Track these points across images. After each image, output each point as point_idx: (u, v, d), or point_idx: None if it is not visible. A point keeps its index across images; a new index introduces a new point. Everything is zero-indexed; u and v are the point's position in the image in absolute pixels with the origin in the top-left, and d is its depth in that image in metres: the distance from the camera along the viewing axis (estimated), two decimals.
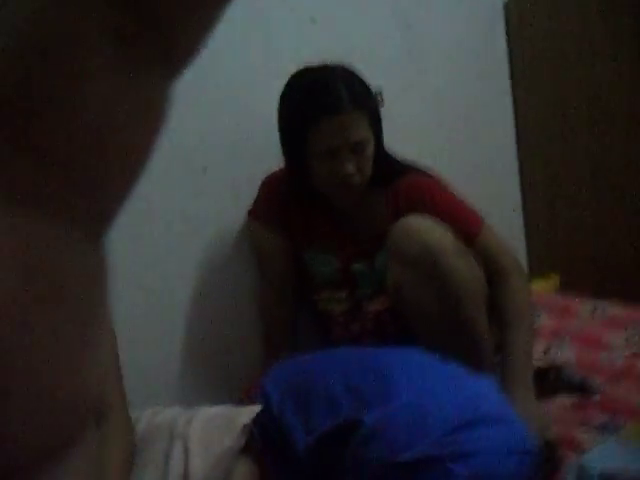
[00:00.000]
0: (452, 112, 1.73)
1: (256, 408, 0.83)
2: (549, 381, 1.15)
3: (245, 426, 0.81)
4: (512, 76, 1.93)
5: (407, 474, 0.73)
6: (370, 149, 1.10)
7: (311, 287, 1.28)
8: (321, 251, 1.23)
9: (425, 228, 1.07)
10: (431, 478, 0.72)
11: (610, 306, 1.43)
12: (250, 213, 1.27)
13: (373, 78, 1.16)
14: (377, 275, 1.20)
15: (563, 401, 1.10)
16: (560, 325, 1.40)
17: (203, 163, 1.21)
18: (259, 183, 1.26)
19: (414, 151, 1.31)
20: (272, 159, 1.20)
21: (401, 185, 1.17)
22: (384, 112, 1.19)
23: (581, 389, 1.12)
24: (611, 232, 1.86)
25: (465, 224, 1.15)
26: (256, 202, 1.26)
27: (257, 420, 0.82)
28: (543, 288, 1.76)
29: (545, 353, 1.30)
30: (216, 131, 1.23)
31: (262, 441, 0.83)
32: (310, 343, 1.34)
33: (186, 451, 0.78)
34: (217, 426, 0.82)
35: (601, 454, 0.66)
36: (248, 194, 1.26)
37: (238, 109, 1.26)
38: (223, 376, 1.26)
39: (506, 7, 1.92)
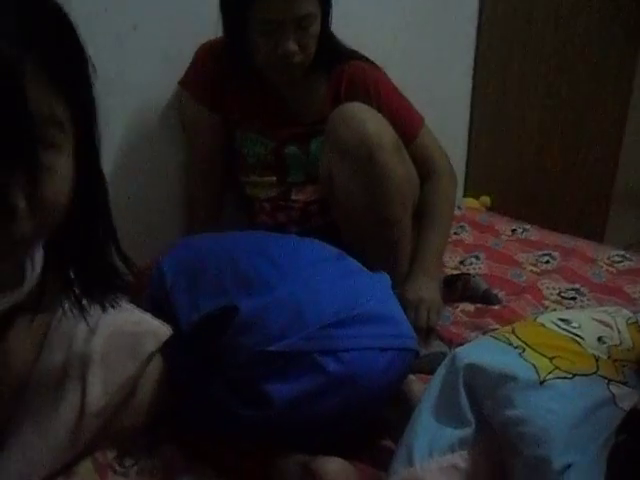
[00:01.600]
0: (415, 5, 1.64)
1: (163, 332, 0.78)
2: (457, 288, 1.21)
3: (150, 354, 0.77)
4: None
5: (276, 364, 0.72)
6: (316, 27, 1.03)
7: (240, 168, 1.25)
8: (255, 131, 1.18)
9: (366, 118, 1.03)
10: (300, 370, 0.72)
11: (529, 230, 1.49)
12: (181, 82, 1.19)
13: None
14: (310, 162, 1.18)
15: (466, 307, 1.16)
16: (480, 240, 1.45)
17: (133, 20, 1.10)
18: (194, 50, 1.16)
19: (367, 39, 1.25)
20: (210, 25, 1.10)
21: (345, 70, 1.12)
22: None
23: (485, 298, 1.18)
24: (548, 166, 1.91)
25: (406, 122, 1.14)
26: (189, 71, 1.18)
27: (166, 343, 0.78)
28: (474, 206, 1.80)
29: (461, 263, 1.35)
30: None
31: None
32: (233, 228, 1.33)
33: (84, 377, 0.73)
34: (121, 347, 0.76)
35: (474, 348, 0.70)
36: (181, 60, 1.16)
37: None
38: (142, 253, 1.23)
39: None
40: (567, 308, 1.13)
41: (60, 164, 0.48)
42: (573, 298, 1.18)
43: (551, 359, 0.63)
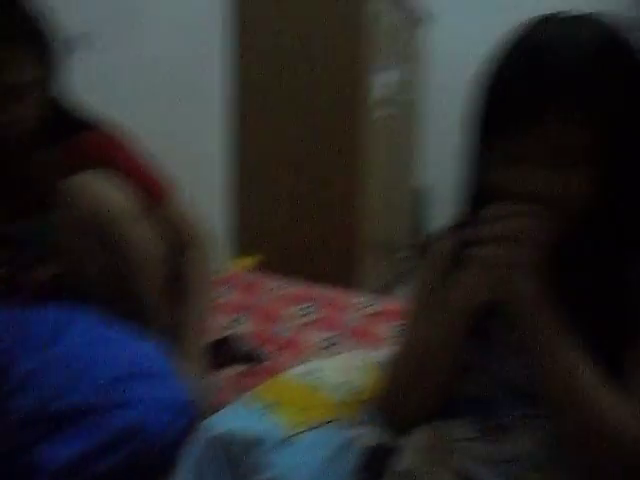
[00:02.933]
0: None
1: None
2: (222, 353, 1.18)
3: None
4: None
5: (57, 425, 0.71)
6: (35, 95, 0.94)
7: None
8: None
9: (101, 187, 0.98)
10: (83, 427, 0.71)
11: (292, 285, 1.55)
12: None
13: None
14: (44, 238, 1.06)
15: (230, 371, 1.14)
16: (245, 300, 1.46)
17: None
18: None
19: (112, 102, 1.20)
20: None
21: (81, 141, 1.05)
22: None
23: (247, 358, 1.17)
24: (305, 221, 2.09)
25: (150, 191, 1.10)
26: None
27: None
28: (242, 265, 1.84)
29: (227, 327, 1.34)
30: None
31: None
32: None
33: None
34: None
35: (222, 416, 0.67)
36: None
37: None
38: None
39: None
40: (324, 357, 1.19)
41: None
42: (331, 345, 1.25)
43: (295, 414, 0.64)
